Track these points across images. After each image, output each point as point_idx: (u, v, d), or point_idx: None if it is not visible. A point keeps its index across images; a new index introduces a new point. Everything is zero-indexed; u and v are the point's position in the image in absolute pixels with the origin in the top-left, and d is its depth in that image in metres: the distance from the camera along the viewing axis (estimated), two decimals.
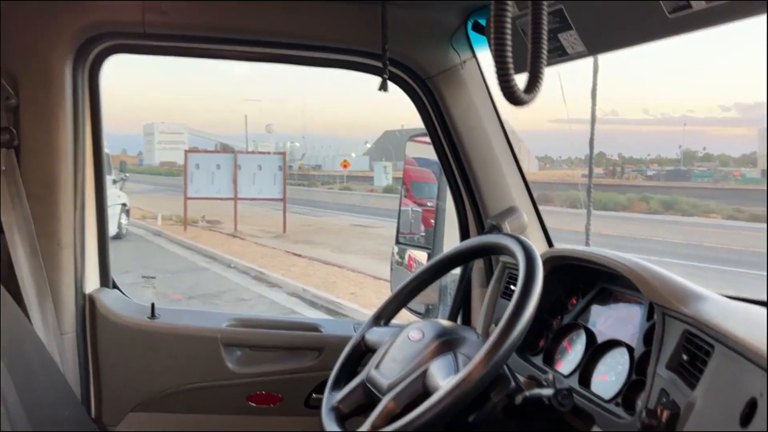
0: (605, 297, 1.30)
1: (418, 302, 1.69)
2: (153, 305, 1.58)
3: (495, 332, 0.97)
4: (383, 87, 1.47)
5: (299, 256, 10.17)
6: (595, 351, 1.22)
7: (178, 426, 1.53)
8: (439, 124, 1.55)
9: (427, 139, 1.79)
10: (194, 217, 13.37)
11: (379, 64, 1.44)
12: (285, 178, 12.81)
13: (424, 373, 1.05)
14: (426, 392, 1.01)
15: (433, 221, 1.95)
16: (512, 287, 1.46)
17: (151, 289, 6.65)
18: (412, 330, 1.18)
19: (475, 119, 1.52)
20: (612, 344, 1.20)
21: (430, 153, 2.06)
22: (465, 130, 1.54)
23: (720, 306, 0.90)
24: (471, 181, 1.58)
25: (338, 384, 1.23)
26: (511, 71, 0.71)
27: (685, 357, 0.92)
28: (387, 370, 1.13)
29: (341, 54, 1.55)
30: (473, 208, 1.59)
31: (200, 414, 1.53)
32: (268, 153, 14.15)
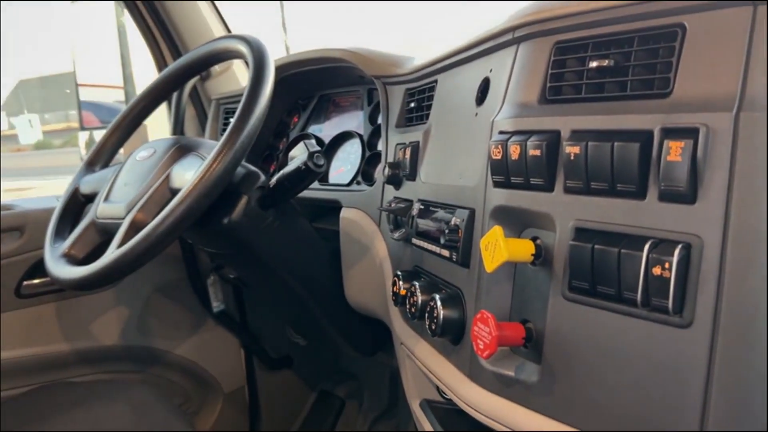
0: (326, 103, 1.34)
1: None
2: None
3: (235, 117, 0.92)
4: None
5: None
6: (327, 152, 1.27)
7: None
8: None
9: None
10: None
11: None
12: None
13: (168, 177, 0.96)
14: (174, 195, 0.93)
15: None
16: (231, 120, 1.42)
17: None
18: (140, 152, 1.06)
19: None
20: (341, 140, 1.26)
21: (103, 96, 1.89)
22: None
23: (432, 51, 0.99)
24: (167, 23, 1.45)
25: (61, 235, 1.05)
26: None
27: (413, 105, 1.00)
28: (120, 195, 1.00)
29: None
30: (172, 50, 1.47)
31: None
32: None
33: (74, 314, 1.37)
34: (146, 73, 1.66)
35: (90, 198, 1.11)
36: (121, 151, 1.29)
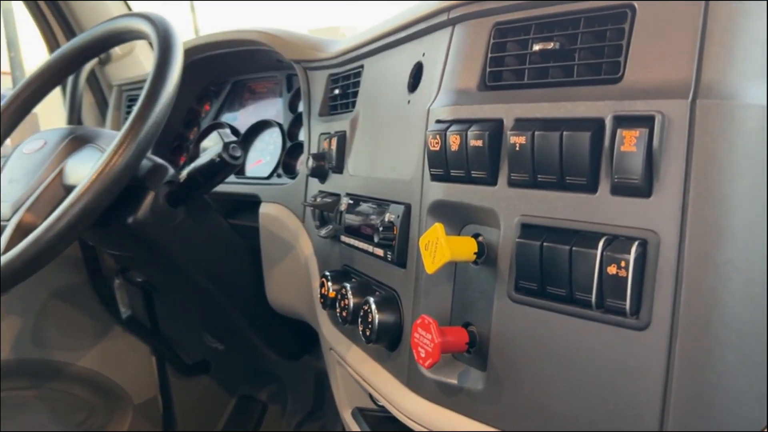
0: (240, 90, 1.25)
1: None
2: None
3: (138, 104, 0.82)
4: None
5: None
6: (243, 142, 1.18)
7: None
8: None
9: None
10: None
11: None
12: None
13: (61, 173, 0.85)
14: (69, 192, 0.82)
15: None
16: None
17: None
18: (27, 144, 0.94)
19: None
20: (259, 129, 1.18)
21: None
22: None
23: (357, 34, 0.93)
24: (63, 7, 1.31)
25: None
26: None
27: (337, 92, 0.94)
28: (5, 194, 0.88)
29: None
30: (65, 29, 1.33)
31: None
32: None
33: None
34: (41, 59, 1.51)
35: None
36: (8, 142, 1.15)
